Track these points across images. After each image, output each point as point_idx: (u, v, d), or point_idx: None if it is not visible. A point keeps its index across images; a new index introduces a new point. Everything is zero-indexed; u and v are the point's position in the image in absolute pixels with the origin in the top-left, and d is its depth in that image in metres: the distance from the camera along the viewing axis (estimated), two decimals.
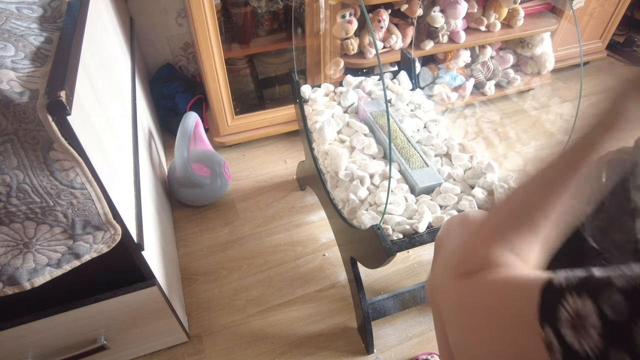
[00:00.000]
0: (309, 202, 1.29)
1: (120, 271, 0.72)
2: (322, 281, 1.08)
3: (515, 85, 1.64)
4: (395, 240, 0.73)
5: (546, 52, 1.62)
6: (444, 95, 1.52)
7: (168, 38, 1.52)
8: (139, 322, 0.83)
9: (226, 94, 1.30)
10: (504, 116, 1.64)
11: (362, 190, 0.85)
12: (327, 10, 1.23)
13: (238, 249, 1.16)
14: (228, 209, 1.28)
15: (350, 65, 1.37)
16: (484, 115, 1.65)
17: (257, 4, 1.28)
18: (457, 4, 1.37)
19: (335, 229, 1.02)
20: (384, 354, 0.94)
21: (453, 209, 0.79)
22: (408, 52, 1.17)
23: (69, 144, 0.51)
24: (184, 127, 1.16)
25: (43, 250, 0.61)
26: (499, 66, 1.62)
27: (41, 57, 0.56)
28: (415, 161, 0.89)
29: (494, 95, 1.63)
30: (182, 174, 1.16)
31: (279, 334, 0.98)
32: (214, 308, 1.03)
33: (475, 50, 1.60)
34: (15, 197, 0.54)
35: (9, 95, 0.48)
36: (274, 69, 1.55)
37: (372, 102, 1.06)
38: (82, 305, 0.72)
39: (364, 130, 0.99)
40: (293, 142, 1.51)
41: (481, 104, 1.69)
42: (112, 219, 0.62)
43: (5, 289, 0.61)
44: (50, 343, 0.76)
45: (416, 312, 1.02)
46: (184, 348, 0.95)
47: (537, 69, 1.67)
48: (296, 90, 1.07)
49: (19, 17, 0.62)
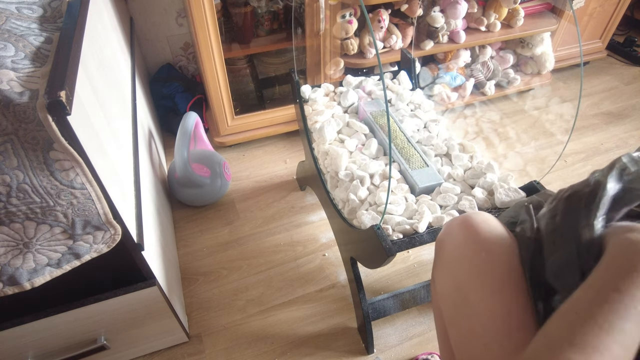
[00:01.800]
0: (309, 202, 1.29)
1: (120, 271, 0.72)
2: (322, 281, 1.08)
3: (515, 85, 1.64)
4: (395, 240, 0.73)
5: (546, 52, 1.62)
6: (444, 95, 1.52)
7: (168, 38, 1.52)
8: (139, 322, 0.83)
9: (226, 94, 1.30)
10: (504, 116, 1.64)
11: (362, 190, 0.85)
12: (327, 10, 1.23)
13: (238, 249, 1.16)
14: (228, 209, 1.28)
15: (350, 65, 1.37)
16: (484, 115, 1.65)
17: (257, 4, 1.28)
18: (457, 4, 1.37)
19: (335, 229, 1.02)
20: (384, 354, 0.94)
21: (453, 209, 0.79)
22: (408, 52, 1.17)
23: (69, 144, 0.51)
24: (184, 127, 1.16)
25: (43, 250, 0.61)
26: (499, 66, 1.62)
27: (41, 57, 0.56)
28: (415, 161, 0.89)
29: (494, 95, 1.63)
30: (182, 174, 1.16)
31: (279, 334, 0.98)
32: (214, 308, 1.03)
33: (475, 50, 1.60)
34: (15, 197, 0.54)
35: (9, 95, 0.48)
36: (274, 69, 1.55)
37: (372, 102, 1.06)
38: (82, 305, 0.72)
39: (364, 130, 0.99)
40: (293, 142, 1.51)
41: (481, 104, 1.69)
42: (112, 219, 0.62)
43: (5, 289, 0.61)
44: (50, 343, 0.76)
45: (416, 312, 1.02)
46: (184, 348, 0.95)
47: (537, 69, 1.67)
48: (296, 90, 1.07)
49: (19, 17, 0.62)
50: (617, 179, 0.44)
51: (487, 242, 0.49)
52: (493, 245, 0.49)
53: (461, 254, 0.51)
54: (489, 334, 0.44)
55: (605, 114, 1.66)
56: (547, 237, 0.47)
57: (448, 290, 0.52)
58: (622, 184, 0.44)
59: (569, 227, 0.44)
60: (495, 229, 0.51)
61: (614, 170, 0.45)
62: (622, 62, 1.95)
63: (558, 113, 1.66)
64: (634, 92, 1.77)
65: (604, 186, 0.43)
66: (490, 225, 0.51)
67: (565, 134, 1.56)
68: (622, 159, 0.45)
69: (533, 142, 1.52)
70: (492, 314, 0.44)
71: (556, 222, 0.46)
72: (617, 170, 0.45)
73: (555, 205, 0.48)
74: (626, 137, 1.54)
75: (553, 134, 1.55)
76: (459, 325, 0.49)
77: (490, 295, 0.46)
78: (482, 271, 0.48)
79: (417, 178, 0.85)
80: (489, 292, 0.46)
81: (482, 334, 0.44)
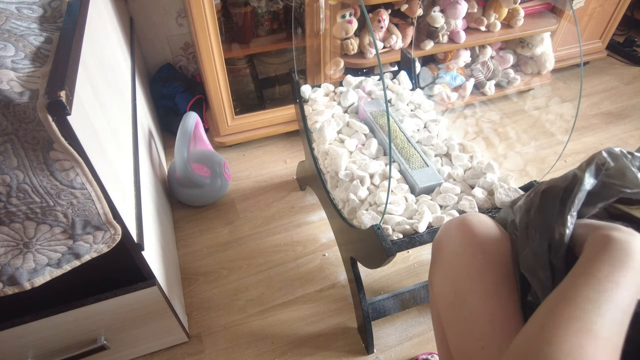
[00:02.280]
0: (309, 202, 1.29)
1: (120, 271, 0.72)
2: (322, 281, 1.08)
3: (515, 85, 1.64)
4: (395, 240, 0.73)
5: (546, 52, 1.62)
6: (444, 95, 1.52)
7: (168, 38, 1.52)
8: (139, 322, 0.83)
9: (226, 94, 1.30)
10: (504, 116, 1.64)
11: (362, 190, 0.85)
12: (327, 10, 1.23)
13: (238, 249, 1.16)
14: (228, 209, 1.28)
15: (350, 65, 1.37)
16: (484, 115, 1.65)
17: (257, 4, 1.28)
18: (457, 4, 1.37)
19: (335, 229, 1.02)
20: (384, 354, 0.94)
21: (453, 208, 0.79)
22: (408, 52, 1.17)
23: (69, 144, 0.51)
24: (184, 127, 1.16)
25: (43, 250, 0.61)
26: (499, 66, 1.62)
27: (41, 57, 0.56)
28: (415, 161, 0.89)
29: (494, 95, 1.63)
30: (182, 174, 1.16)
31: (279, 334, 0.98)
32: (214, 308, 1.03)
33: (475, 50, 1.60)
34: (16, 197, 0.54)
35: (9, 95, 0.48)
36: (274, 69, 1.55)
37: (372, 102, 1.06)
38: (82, 305, 0.72)
39: (364, 130, 0.99)
40: (293, 142, 1.51)
41: (481, 104, 1.69)
42: (112, 219, 0.62)
43: (6, 289, 0.61)
44: (50, 343, 0.76)
45: (416, 312, 1.02)
46: (184, 348, 0.95)
47: (537, 69, 1.67)
48: (296, 90, 1.07)
49: (19, 17, 0.62)
50: (594, 173, 0.44)
51: (484, 244, 0.49)
52: (490, 247, 0.49)
53: (458, 256, 0.51)
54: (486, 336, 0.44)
55: (605, 114, 1.66)
56: (521, 232, 0.47)
57: (445, 292, 0.52)
58: (600, 179, 0.43)
59: (542, 222, 0.44)
60: (492, 231, 0.51)
61: (592, 164, 0.44)
62: (622, 62, 1.95)
63: (558, 113, 1.66)
64: (634, 92, 1.77)
65: (580, 181, 0.43)
66: (487, 227, 0.51)
67: (565, 134, 1.56)
68: (602, 153, 0.44)
69: (533, 142, 1.52)
70: (489, 316, 0.45)
71: (530, 216, 0.46)
72: (595, 165, 0.44)
73: (531, 198, 0.47)
74: (626, 137, 1.54)
75: (553, 134, 1.55)
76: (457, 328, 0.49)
77: (488, 298, 0.46)
78: (479, 274, 0.48)
79: (417, 178, 0.85)
80: (487, 295, 0.46)
81: (479, 336, 0.44)
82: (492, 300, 0.45)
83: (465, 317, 0.47)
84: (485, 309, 0.45)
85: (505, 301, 0.45)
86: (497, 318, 0.44)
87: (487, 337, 0.44)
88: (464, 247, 0.51)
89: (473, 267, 0.48)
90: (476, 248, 0.49)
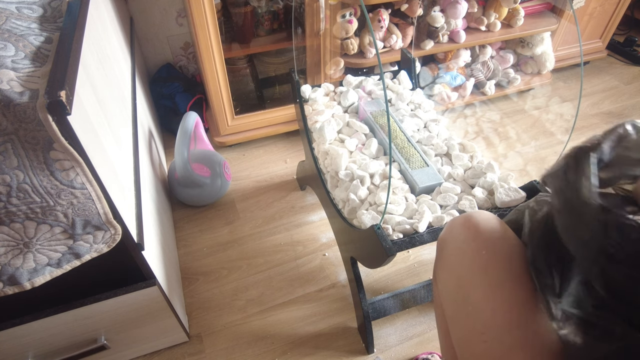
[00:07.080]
0: (309, 202, 1.29)
1: (120, 271, 0.72)
2: (322, 281, 1.08)
3: (515, 85, 1.64)
4: (395, 240, 0.73)
5: (546, 51, 1.62)
6: (444, 95, 1.52)
7: (168, 38, 1.52)
8: (139, 322, 0.83)
9: (226, 94, 1.30)
10: (504, 116, 1.64)
11: (362, 190, 0.85)
12: (327, 10, 1.23)
13: (238, 249, 1.16)
14: (228, 209, 1.28)
15: (350, 65, 1.37)
16: (484, 115, 1.65)
17: (257, 4, 1.28)
18: (457, 4, 1.37)
19: (335, 229, 1.02)
20: (384, 354, 0.94)
21: (453, 208, 0.79)
22: (408, 52, 1.17)
23: (69, 144, 0.51)
24: (184, 127, 1.16)
25: (43, 250, 0.61)
26: (499, 66, 1.62)
27: (41, 57, 0.56)
28: (415, 161, 0.89)
29: (494, 95, 1.63)
30: (182, 173, 1.16)
31: (279, 334, 0.98)
32: (214, 308, 1.03)
33: (475, 50, 1.60)
34: (16, 197, 0.54)
35: (9, 95, 0.48)
36: (274, 68, 1.55)
37: (372, 101, 1.06)
38: (82, 305, 0.72)
39: (364, 130, 0.99)
40: (293, 142, 1.51)
41: (481, 103, 1.69)
42: (112, 219, 0.62)
43: (6, 289, 0.61)
44: (50, 343, 0.76)
45: (416, 312, 1.02)
46: (184, 348, 0.95)
47: (537, 68, 1.67)
48: (296, 90, 1.07)
49: (19, 17, 0.62)
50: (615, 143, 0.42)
51: (489, 240, 0.50)
52: (494, 243, 0.49)
53: (463, 252, 0.52)
54: (489, 331, 0.44)
55: (606, 113, 1.66)
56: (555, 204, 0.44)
57: (450, 289, 0.53)
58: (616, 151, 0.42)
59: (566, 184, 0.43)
60: (497, 228, 0.51)
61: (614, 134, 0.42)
62: (622, 62, 1.94)
63: (558, 113, 1.66)
64: (634, 92, 1.77)
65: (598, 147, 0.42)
66: (491, 224, 0.51)
67: (565, 133, 1.56)
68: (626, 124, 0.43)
69: (533, 141, 1.52)
70: (492, 311, 0.45)
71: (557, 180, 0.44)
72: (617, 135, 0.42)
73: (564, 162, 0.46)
74: None
75: (553, 134, 1.55)
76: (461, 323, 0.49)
77: (491, 293, 0.46)
78: (482, 269, 0.48)
79: (417, 178, 0.85)
80: (490, 289, 0.46)
81: (482, 330, 0.45)
82: (494, 295, 0.46)
83: (469, 311, 0.48)
84: (487, 303, 0.46)
85: (509, 296, 0.45)
86: (499, 312, 0.44)
87: (489, 332, 0.44)
88: (468, 244, 0.51)
89: (477, 262, 0.49)
90: (480, 244, 0.50)
